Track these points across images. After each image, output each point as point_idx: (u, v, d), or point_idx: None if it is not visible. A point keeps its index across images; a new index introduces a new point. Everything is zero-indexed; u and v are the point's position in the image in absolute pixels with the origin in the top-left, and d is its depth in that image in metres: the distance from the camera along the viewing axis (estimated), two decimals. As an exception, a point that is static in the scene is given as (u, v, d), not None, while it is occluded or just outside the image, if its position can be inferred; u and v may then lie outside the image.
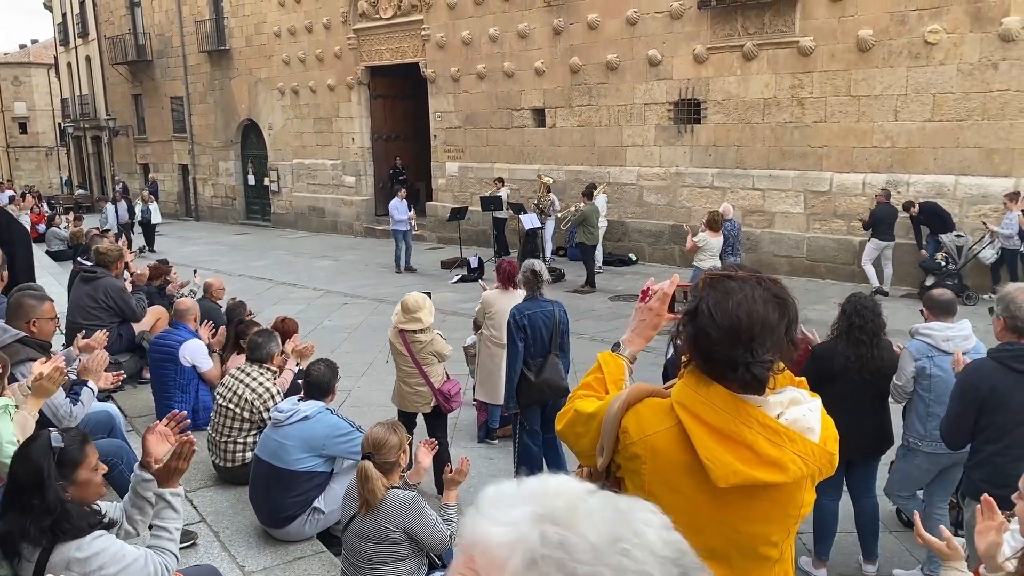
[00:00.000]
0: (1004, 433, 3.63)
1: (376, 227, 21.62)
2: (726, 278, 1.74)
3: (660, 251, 15.74)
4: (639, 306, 2.15)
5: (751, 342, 1.66)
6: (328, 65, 21.84)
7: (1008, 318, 3.64)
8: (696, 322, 1.73)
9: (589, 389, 2.07)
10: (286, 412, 4.36)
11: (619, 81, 15.83)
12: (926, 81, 12.25)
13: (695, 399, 1.73)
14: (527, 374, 5.78)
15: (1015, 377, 3.61)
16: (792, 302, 1.73)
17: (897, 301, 12.21)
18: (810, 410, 1.73)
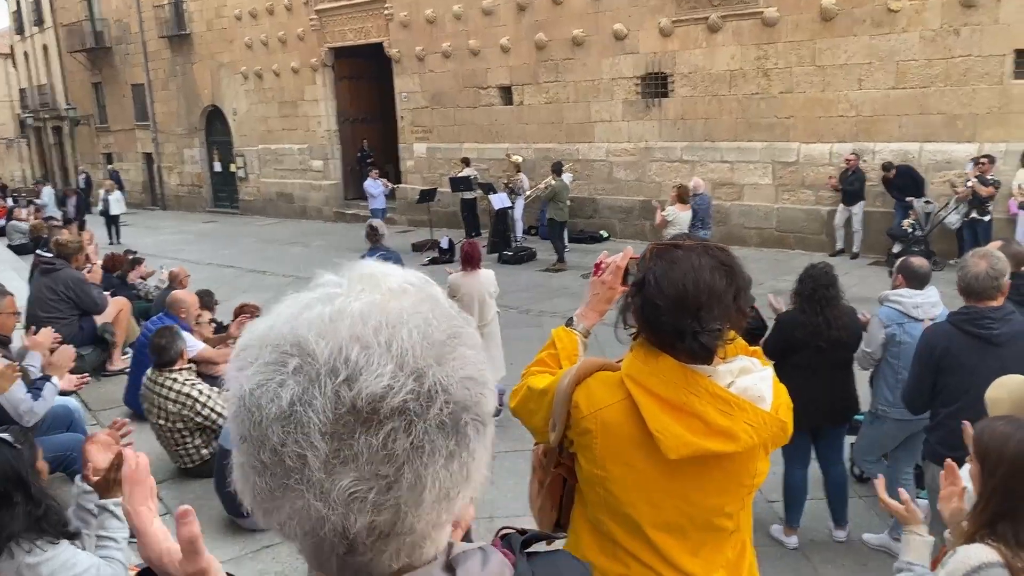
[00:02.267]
0: (958, 396, 3.65)
1: (346, 211, 21.42)
2: (672, 248, 1.72)
3: (631, 227, 15.72)
4: (592, 280, 2.12)
5: (698, 311, 1.64)
6: (291, 48, 21.50)
7: (959, 279, 3.67)
8: (643, 293, 1.71)
9: (543, 365, 2.05)
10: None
11: (585, 56, 15.72)
12: (889, 49, 12.28)
13: (644, 371, 1.71)
14: None
15: (968, 340, 3.63)
16: (740, 270, 1.71)
17: (865, 268, 12.32)
18: (761, 379, 1.70)
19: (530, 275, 13.49)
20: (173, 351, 5.09)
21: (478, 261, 7.11)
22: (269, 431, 0.69)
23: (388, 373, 0.68)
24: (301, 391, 0.68)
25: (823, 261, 4.96)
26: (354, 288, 0.74)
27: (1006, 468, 2.08)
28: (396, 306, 0.72)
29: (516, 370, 8.08)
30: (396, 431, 0.69)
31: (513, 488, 5.93)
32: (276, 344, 0.70)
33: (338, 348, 0.69)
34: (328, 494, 0.69)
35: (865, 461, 4.95)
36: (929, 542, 2.37)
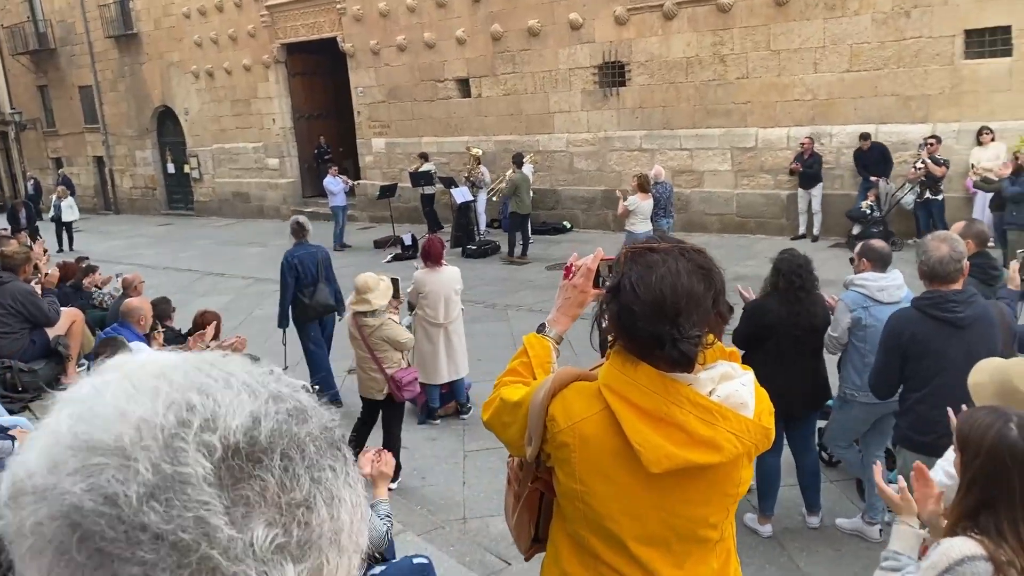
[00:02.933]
0: (927, 381, 3.65)
1: (304, 209, 21.03)
2: (648, 251, 1.66)
3: (594, 217, 15.71)
4: (563, 283, 2.05)
5: (677, 317, 1.58)
6: (242, 45, 21.09)
7: (919, 263, 3.67)
8: (619, 299, 1.64)
9: (515, 375, 1.97)
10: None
11: (542, 47, 15.64)
12: (843, 32, 12.38)
13: (622, 380, 1.64)
14: (302, 299, 7.61)
15: (934, 324, 3.63)
16: (718, 272, 1.65)
17: (826, 251, 12.43)
18: (743, 384, 1.65)
19: (495, 269, 13.41)
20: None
21: (440, 257, 7.05)
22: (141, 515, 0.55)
23: (246, 402, 0.59)
24: (160, 455, 0.56)
25: (794, 249, 4.94)
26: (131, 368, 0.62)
27: (984, 458, 2.06)
28: (202, 357, 0.64)
29: (483, 366, 8.04)
30: (288, 458, 0.59)
31: (486, 487, 5.87)
32: (88, 440, 0.57)
33: (174, 403, 0.58)
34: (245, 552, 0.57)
35: (837, 446, 4.96)
36: (920, 534, 2.35)
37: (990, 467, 2.04)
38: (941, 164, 10.99)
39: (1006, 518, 1.99)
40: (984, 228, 4.99)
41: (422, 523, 5.35)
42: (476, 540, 5.19)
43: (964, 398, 3.15)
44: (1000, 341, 3.68)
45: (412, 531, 5.06)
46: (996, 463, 2.03)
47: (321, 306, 7.67)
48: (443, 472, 6.19)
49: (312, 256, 7.65)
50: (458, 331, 7.11)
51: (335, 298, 7.73)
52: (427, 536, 5.05)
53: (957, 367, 3.50)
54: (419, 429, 7.04)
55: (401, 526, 4.92)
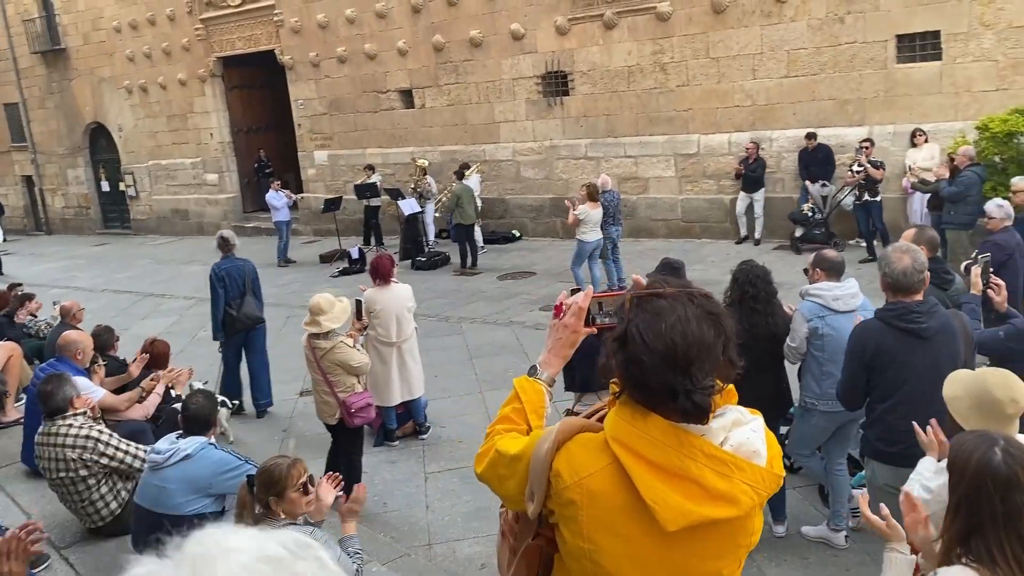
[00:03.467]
0: (893, 391, 3.69)
1: (246, 225, 20.70)
2: (654, 296, 1.59)
3: (542, 225, 15.73)
4: (553, 323, 1.97)
5: (689, 367, 1.52)
6: (177, 59, 20.60)
7: (883, 275, 3.71)
8: (627, 348, 1.57)
9: (508, 422, 1.88)
10: (164, 452, 3.97)
11: (485, 57, 15.62)
12: (779, 38, 12.62)
13: (632, 433, 1.57)
14: (230, 311, 7.82)
15: (899, 335, 3.67)
16: (727, 317, 1.60)
17: (770, 253, 12.65)
18: (753, 431, 1.60)
19: (445, 280, 13.32)
20: (60, 397, 4.71)
21: (389, 274, 6.91)
22: None
23: None
24: None
25: (752, 260, 4.96)
26: None
27: (968, 482, 2.06)
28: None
29: (440, 382, 7.95)
30: None
31: (449, 510, 5.79)
32: None
33: None
34: None
35: (799, 455, 5.01)
36: (911, 559, 2.35)
37: (974, 491, 2.05)
38: (879, 167, 11.27)
39: (995, 542, 2.00)
40: (935, 234, 5.09)
41: (387, 552, 5.24)
42: (444, 566, 5.10)
43: (930, 408, 3.20)
44: (962, 350, 3.75)
45: (377, 561, 4.94)
46: (979, 487, 2.03)
47: (248, 318, 7.92)
48: (404, 496, 6.08)
49: (239, 269, 7.90)
50: (412, 350, 6.99)
51: (261, 310, 8.11)
52: (393, 565, 4.94)
53: (922, 377, 3.56)
54: (377, 452, 6.91)
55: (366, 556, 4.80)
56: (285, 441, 7.35)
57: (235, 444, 6.66)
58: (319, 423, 7.59)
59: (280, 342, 10.71)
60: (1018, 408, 2.85)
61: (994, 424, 2.83)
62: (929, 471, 2.94)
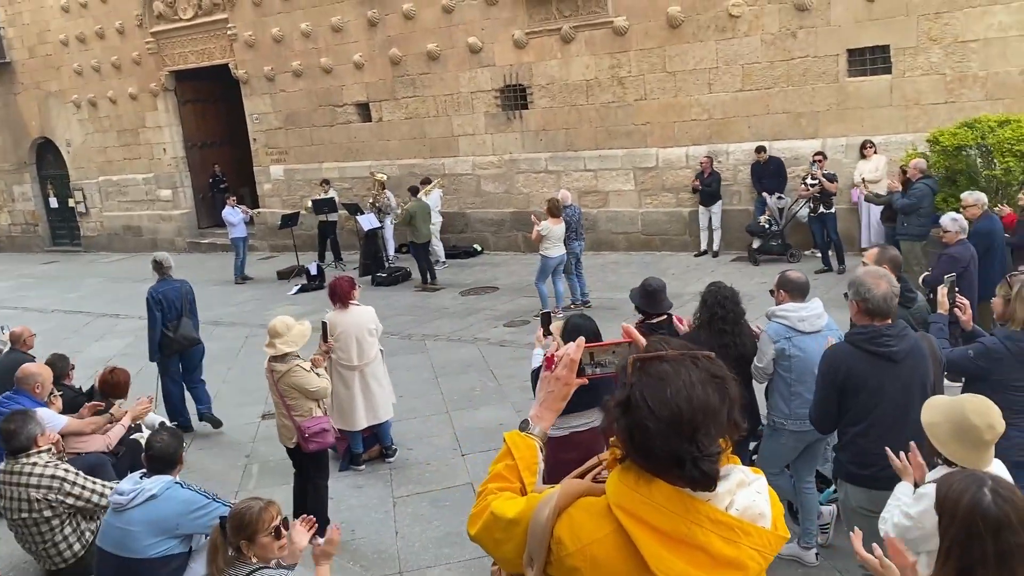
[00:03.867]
0: (866, 414, 3.73)
1: (201, 241, 20.37)
2: (657, 359, 1.56)
3: (503, 239, 15.72)
4: (545, 375, 1.94)
5: (695, 433, 1.49)
6: (127, 72, 20.20)
7: (860, 301, 3.73)
8: (631, 414, 1.54)
9: (502, 480, 1.84)
10: (128, 493, 3.84)
11: (442, 70, 15.59)
12: (734, 53, 12.81)
13: (636, 499, 1.54)
14: (167, 333, 8.00)
15: (870, 359, 3.71)
16: (732, 380, 1.58)
17: (728, 265, 12.81)
18: (758, 492, 1.59)
19: (407, 297, 13.22)
20: (24, 435, 4.55)
21: (347, 296, 6.77)
22: None
23: None
24: None
25: (720, 282, 4.99)
26: None
27: (959, 525, 2.08)
28: None
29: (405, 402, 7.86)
30: None
31: (420, 536, 5.71)
32: None
33: None
34: None
35: (769, 473, 5.03)
36: None
37: (965, 534, 2.06)
38: (833, 180, 11.47)
39: None
40: (897, 253, 5.18)
41: (357, 581, 5.16)
42: (416, 595, 5.04)
43: (902, 430, 3.24)
44: (932, 372, 3.81)
45: (348, 592, 4.87)
46: (970, 529, 2.05)
47: (185, 339, 8.09)
48: (373, 523, 5.99)
49: (176, 291, 8.09)
50: (375, 374, 6.88)
51: (197, 330, 8.31)
52: (364, 596, 4.86)
53: (894, 400, 3.61)
54: (343, 477, 6.80)
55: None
56: (248, 468, 7.20)
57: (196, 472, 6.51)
58: (282, 448, 7.47)
59: (239, 363, 10.55)
60: (995, 434, 2.90)
61: (972, 450, 2.88)
62: (907, 496, 2.97)
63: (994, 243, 7.45)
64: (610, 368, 1.92)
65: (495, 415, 7.77)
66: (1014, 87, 10.90)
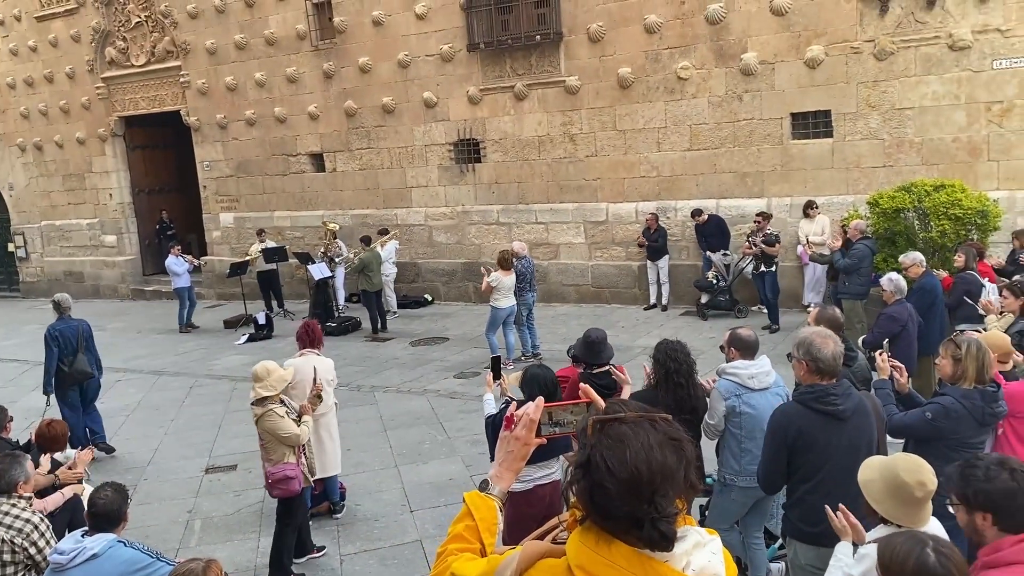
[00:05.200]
0: (815, 472, 3.80)
1: (145, 288, 19.98)
2: (616, 421, 1.60)
3: (455, 290, 15.75)
4: (504, 435, 1.96)
5: (653, 495, 1.53)
6: (76, 117, 19.95)
7: (810, 361, 3.82)
8: (590, 476, 1.57)
9: (461, 541, 1.85)
10: (68, 553, 3.70)
11: (397, 123, 15.74)
12: (682, 114, 13.20)
13: (596, 560, 1.57)
14: (63, 367, 8.71)
15: (820, 418, 3.80)
16: (688, 442, 1.62)
17: (677, 319, 13.01)
18: (713, 553, 1.63)
19: (357, 347, 13.10)
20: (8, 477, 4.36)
21: (321, 338, 6.94)
22: None
23: None
24: None
25: (668, 339, 5.06)
26: None
27: None
28: None
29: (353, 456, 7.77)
30: None
31: (368, 596, 5.60)
32: None
33: None
34: None
35: (719, 529, 5.07)
36: None
37: None
38: (773, 243, 11.75)
39: None
40: (836, 313, 5.33)
41: (303, 643, 5.02)
42: (363, 657, 4.91)
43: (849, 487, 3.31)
44: (875, 429, 3.91)
45: (293, 654, 4.73)
46: None
47: (79, 373, 8.79)
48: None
49: (73, 329, 8.81)
50: (329, 425, 6.81)
51: (95, 366, 9.01)
52: (310, 658, 4.72)
53: (841, 458, 3.69)
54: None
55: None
56: (190, 523, 6.99)
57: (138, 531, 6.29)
58: (226, 503, 7.35)
59: (183, 414, 10.31)
60: (926, 491, 3.00)
61: (905, 507, 2.97)
62: (848, 556, 3.04)
63: (936, 300, 7.71)
64: (568, 427, 1.96)
65: (445, 469, 7.70)
66: (947, 153, 11.43)
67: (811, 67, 12.06)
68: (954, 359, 4.28)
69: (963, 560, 2.26)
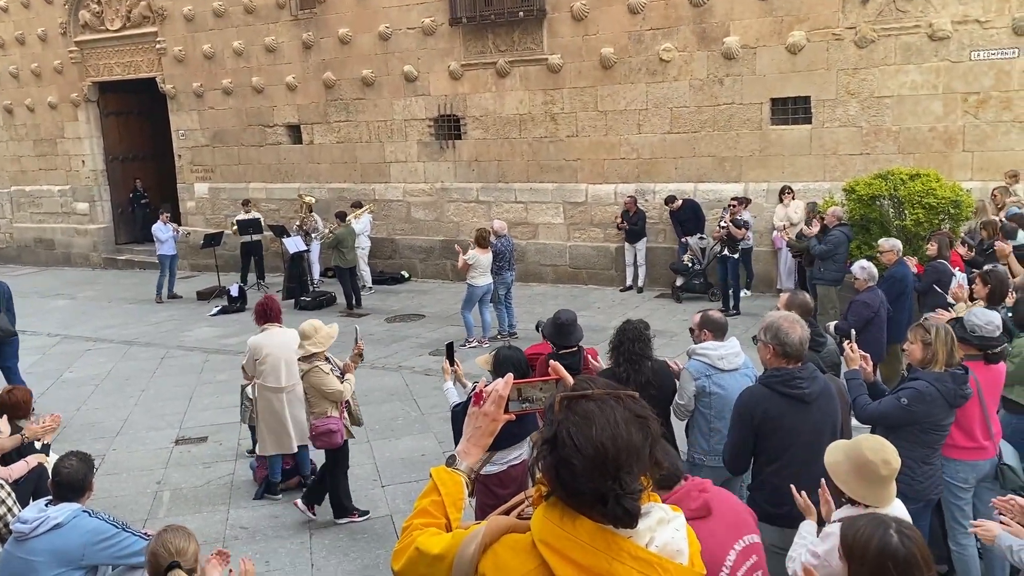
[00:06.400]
0: (780, 454, 3.84)
1: (118, 257, 19.72)
2: (582, 398, 1.60)
3: (432, 267, 15.70)
4: (473, 411, 1.96)
5: (618, 471, 1.53)
6: (48, 81, 19.56)
7: (777, 345, 3.85)
8: (557, 452, 1.57)
9: (427, 516, 1.85)
10: (31, 522, 3.65)
11: (377, 97, 15.58)
12: (663, 96, 13.18)
13: (560, 536, 1.57)
14: None
15: (785, 401, 3.84)
16: (654, 419, 1.63)
17: (652, 301, 13.07)
18: (676, 529, 1.64)
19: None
20: None
21: (279, 314, 6.87)
22: None
23: None
24: None
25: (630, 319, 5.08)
26: None
27: (870, 567, 2.17)
28: None
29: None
30: None
31: (336, 568, 5.61)
32: None
33: None
34: None
35: (687, 510, 5.13)
36: None
37: (875, 573, 2.15)
38: (741, 226, 11.80)
39: None
40: (807, 298, 5.38)
41: (270, 615, 5.02)
42: (330, 630, 4.92)
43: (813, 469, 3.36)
44: (839, 412, 3.96)
45: (260, 626, 4.73)
46: (882, 570, 2.15)
47: (2, 331, 9.01)
48: (288, 554, 5.85)
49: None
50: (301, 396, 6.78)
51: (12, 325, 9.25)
52: (277, 630, 4.73)
53: (806, 440, 3.74)
54: (259, 506, 6.64)
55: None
56: (159, 495, 6.96)
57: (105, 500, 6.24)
58: (195, 475, 7.33)
59: (153, 385, 10.22)
60: (891, 470, 3.06)
61: (870, 486, 3.02)
62: (812, 535, 3.08)
63: (906, 289, 7.80)
64: (537, 404, 1.96)
65: (417, 445, 7.71)
66: (923, 143, 11.52)
67: (792, 52, 12.08)
68: (924, 344, 4.34)
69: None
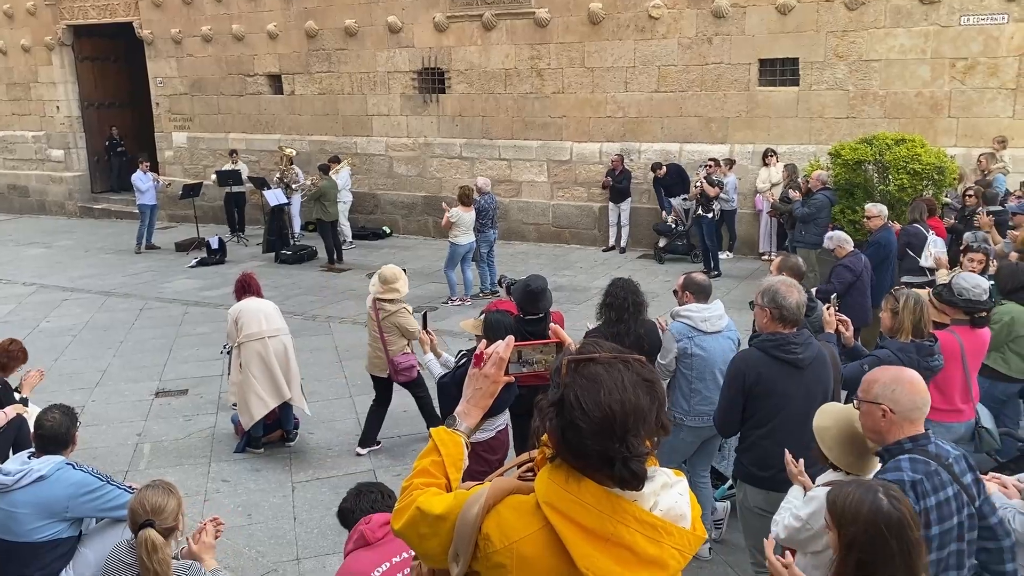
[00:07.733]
0: (770, 418, 3.87)
1: (94, 206, 19.40)
2: (590, 361, 1.59)
3: (414, 223, 15.58)
4: (473, 372, 1.95)
5: (625, 434, 1.53)
6: (20, 23, 19.01)
7: (774, 308, 3.84)
8: (564, 414, 1.57)
9: (427, 476, 1.84)
10: (14, 474, 3.62)
11: (360, 48, 15.30)
12: (651, 54, 13.04)
13: (565, 498, 1.57)
14: None
15: (778, 365, 3.85)
16: (660, 383, 1.63)
17: (635, 262, 13.08)
18: (680, 494, 1.64)
19: (312, 276, 12.96)
20: None
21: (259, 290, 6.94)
22: None
23: None
24: None
25: (620, 277, 5.08)
26: None
27: (863, 530, 2.20)
28: None
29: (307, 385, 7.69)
30: None
31: (318, 522, 5.63)
32: None
33: None
34: None
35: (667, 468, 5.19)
36: None
37: (868, 537, 2.19)
38: (715, 185, 11.79)
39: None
40: (798, 261, 5.39)
41: (253, 567, 5.04)
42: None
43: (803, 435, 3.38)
44: (831, 378, 3.98)
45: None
46: (874, 534, 2.18)
47: None
48: (271, 507, 5.86)
49: None
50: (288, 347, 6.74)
51: None
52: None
53: (797, 406, 3.76)
54: (240, 460, 6.63)
55: (230, 573, 4.59)
56: (139, 447, 6.93)
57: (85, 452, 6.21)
58: (176, 427, 7.31)
59: (132, 336, 10.13)
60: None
61: (856, 455, 3.05)
62: (798, 500, 3.12)
63: (890, 254, 7.85)
64: (536, 366, 1.95)
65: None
66: (909, 108, 11.51)
67: (782, 13, 11.97)
68: (892, 312, 4.37)
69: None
